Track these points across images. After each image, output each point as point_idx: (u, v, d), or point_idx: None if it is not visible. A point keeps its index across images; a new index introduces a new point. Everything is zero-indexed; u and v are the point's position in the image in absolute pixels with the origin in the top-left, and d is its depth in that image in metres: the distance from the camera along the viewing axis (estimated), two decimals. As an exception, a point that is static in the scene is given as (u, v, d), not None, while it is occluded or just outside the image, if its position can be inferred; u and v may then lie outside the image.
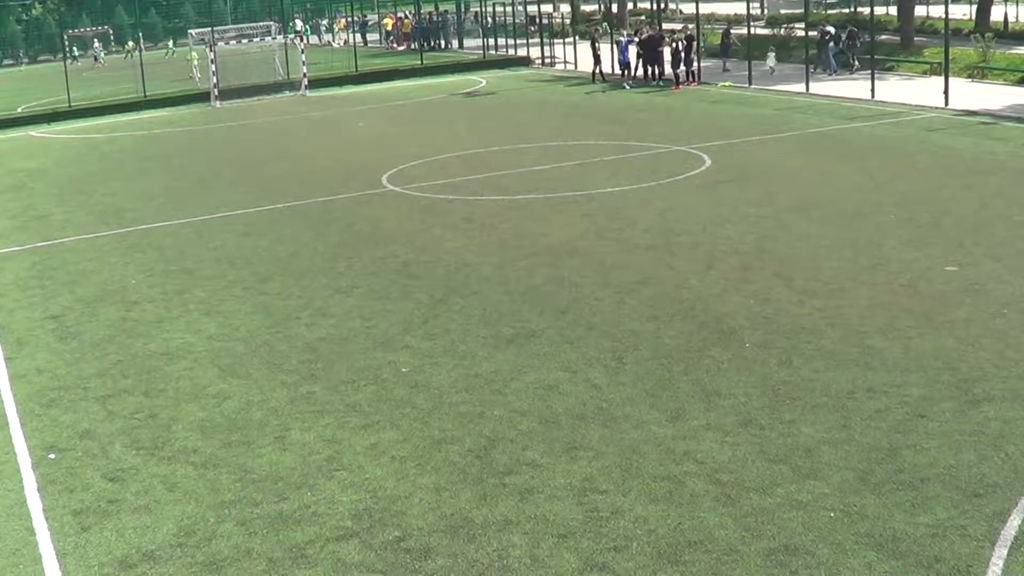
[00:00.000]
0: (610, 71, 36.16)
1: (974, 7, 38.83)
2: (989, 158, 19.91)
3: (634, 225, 16.37)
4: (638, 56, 34.70)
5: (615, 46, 35.34)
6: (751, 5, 35.28)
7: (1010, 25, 38.34)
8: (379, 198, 19.85)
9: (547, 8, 53.19)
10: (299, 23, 62.97)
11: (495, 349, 11.59)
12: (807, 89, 29.80)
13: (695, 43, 34.17)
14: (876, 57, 30.19)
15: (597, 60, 35.67)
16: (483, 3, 52.23)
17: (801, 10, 39.49)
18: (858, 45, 32.98)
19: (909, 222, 15.52)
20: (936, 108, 25.47)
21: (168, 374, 11.60)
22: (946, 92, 25.88)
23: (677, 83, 33.17)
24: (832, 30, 34.32)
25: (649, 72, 34.35)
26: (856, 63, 32.22)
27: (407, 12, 60.93)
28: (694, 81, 33.27)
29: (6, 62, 70.62)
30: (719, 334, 11.53)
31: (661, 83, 33.48)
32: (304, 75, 39.19)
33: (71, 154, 29.19)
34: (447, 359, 11.39)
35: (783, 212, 16.60)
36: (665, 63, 33.79)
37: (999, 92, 27.71)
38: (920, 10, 40.04)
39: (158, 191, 22.29)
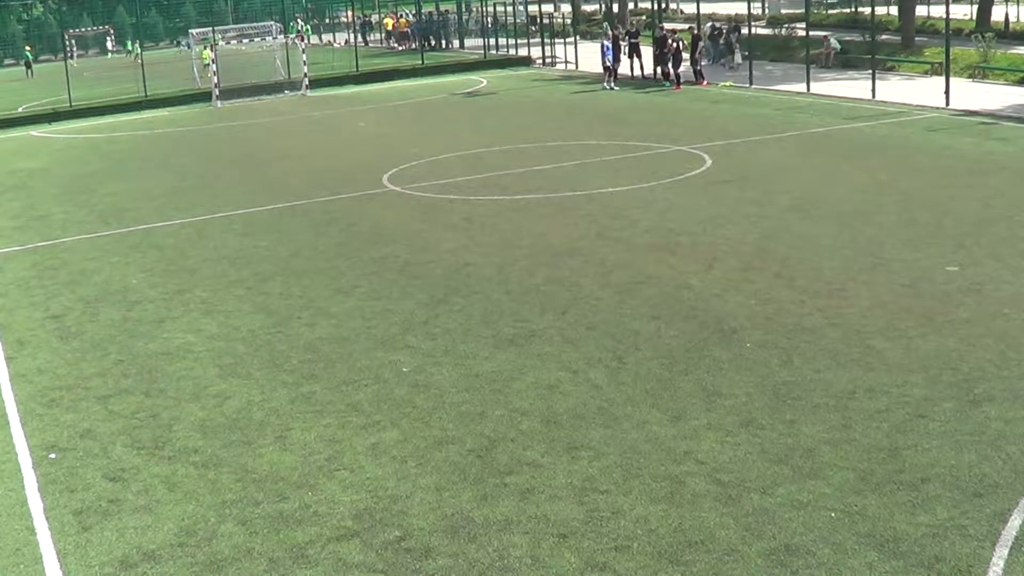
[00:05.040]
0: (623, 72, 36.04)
1: (975, 7, 38.87)
2: (990, 158, 19.90)
3: (635, 225, 16.37)
4: (639, 55, 34.84)
5: (600, 48, 35.30)
6: (752, 5, 35.31)
7: (1011, 25, 38.35)
8: (380, 198, 19.85)
9: (548, 8, 53.20)
10: (300, 22, 63.00)
11: (496, 349, 11.59)
12: (808, 89, 29.81)
13: (701, 43, 34.30)
14: (877, 57, 30.20)
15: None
16: (484, 3, 52.23)
17: (802, 10, 39.52)
18: (733, 41, 37.45)
19: (910, 222, 15.51)
20: (937, 108, 25.46)
21: (169, 374, 11.60)
22: (947, 92, 25.88)
23: (677, 83, 33.18)
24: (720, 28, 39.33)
25: (658, 71, 34.29)
26: (734, 56, 36.85)
27: (406, 12, 61.01)
28: (703, 80, 33.41)
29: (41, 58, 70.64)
30: (720, 334, 11.52)
31: (667, 83, 33.44)
32: (305, 75, 39.21)
33: (72, 154, 29.20)
34: (448, 359, 11.39)
35: (784, 212, 16.60)
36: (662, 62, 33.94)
37: (1000, 92, 27.71)
38: (921, 10, 40.06)
39: (159, 191, 22.30)
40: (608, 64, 34.35)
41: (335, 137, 28.44)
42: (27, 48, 64.53)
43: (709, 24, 39.56)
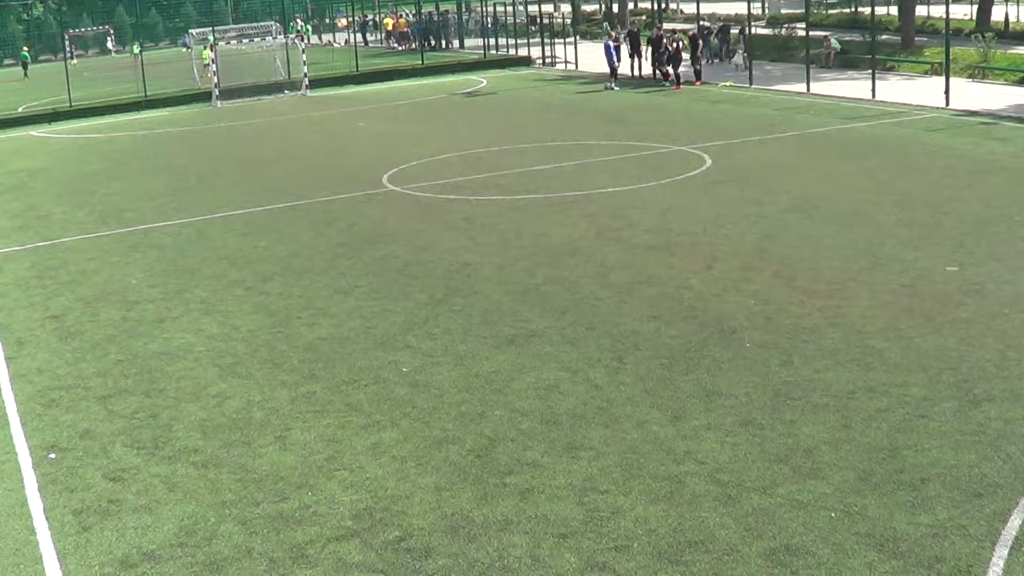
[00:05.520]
0: (632, 73, 35.97)
1: (975, 7, 38.88)
2: (990, 158, 19.90)
3: (635, 225, 16.37)
4: (649, 54, 34.91)
5: (604, 48, 35.31)
6: (752, 5, 35.32)
7: (1010, 25, 38.37)
8: (380, 198, 19.85)
9: (548, 8, 53.20)
10: (300, 23, 63.05)
11: (496, 349, 11.59)
12: (808, 89, 29.80)
13: (699, 43, 34.31)
14: (877, 57, 30.20)
15: (633, 58, 35.86)
16: (484, 3, 52.22)
17: (801, 10, 39.53)
18: (728, 40, 38.64)
19: (910, 222, 15.52)
20: (937, 108, 25.46)
21: (169, 374, 11.60)
22: (947, 92, 25.88)
23: (677, 83, 33.17)
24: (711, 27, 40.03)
25: (658, 72, 34.25)
26: (729, 55, 37.46)
27: (406, 12, 61.04)
28: (698, 80, 33.34)
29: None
30: (720, 334, 11.52)
31: (667, 83, 33.43)
32: (305, 75, 39.21)
33: (72, 154, 29.20)
34: (448, 359, 11.39)
35: (784, 212, 16.59)
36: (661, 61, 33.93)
37: (1000, 92, 27.71)
38: (921, 10, 40.08)
39: (159, 191, 22.30)
40: (614, 65, 34.36)
41: (335, 137, 28.44)
42: (24, 49, 64.49)
43: (699, 23, 39.62)
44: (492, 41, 49.20)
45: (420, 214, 18.27)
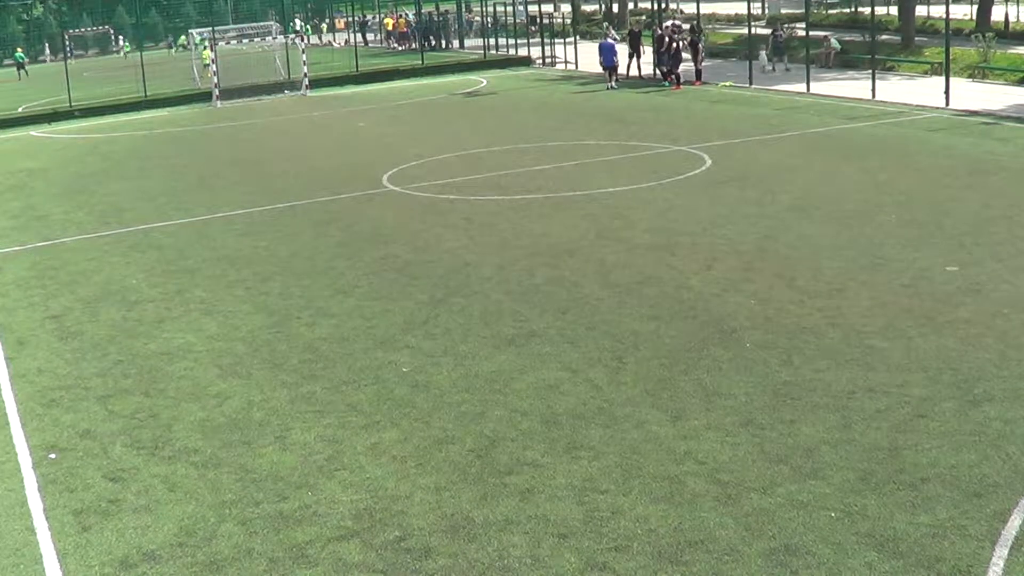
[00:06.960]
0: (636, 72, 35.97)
1: (975, 7, 38.88)
2: (990, 158, 19.90)
3: (635, 225, 16.37)
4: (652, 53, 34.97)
5: (599, 48, 35.29)
6: (752, 5, 35.31)
7: (1011, 25, 38.38)
8: (380, 198, 19.85)
9: (548, 8, 53.21)
10: (299, 23, 63.08)
11: (496, 349, 11.58)
12: (808, 89, 29.81)
13: (701, 44, 34.33)
14: (877, 57, 30.20)
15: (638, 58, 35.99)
16: (484, 3, 52.24)
17: (801, 10, 39.53)
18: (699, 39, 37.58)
19: (910, 222, 15.52)
20: (937, 108, 25.46)
21: (169, 374, 11.60)
22: (947, 92, 25.87)
23: (677, 83, 33.17)
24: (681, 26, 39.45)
25: (658, 72, 34.27)
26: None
27: (406, 12, 61.10)
28: (698, 80, 33.33)
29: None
30: (720, 334, 11.52)
31: (666, 83, 33.43)
32: (305, 75, 39.22)
33: (72, 154, 29.19)
34: (448, 359, 11.39)
35: (784, 212, 16.59)
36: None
37: (1000, 92, 27.71)
38: (921, 10, 40.08)
39: (159, 191, 22.30)
40: (615, 64, 34.36)
41: (335, 137, 28.44)
42: (19, 49, 64.49)
43: (670, 22, 39.49)
44: (492, 41, 49.20)
45: (420, 214, 18.27)
